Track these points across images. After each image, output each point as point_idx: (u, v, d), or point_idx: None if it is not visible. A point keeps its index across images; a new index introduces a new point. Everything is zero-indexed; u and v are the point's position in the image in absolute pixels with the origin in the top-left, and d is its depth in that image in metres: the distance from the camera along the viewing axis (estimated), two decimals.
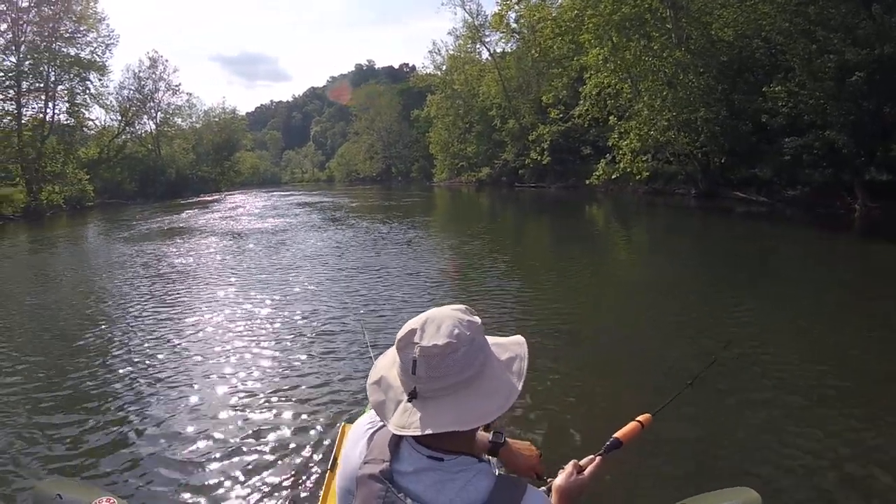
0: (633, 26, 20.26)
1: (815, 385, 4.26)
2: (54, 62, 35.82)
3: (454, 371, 1.15)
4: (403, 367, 1.19)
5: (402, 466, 1.17)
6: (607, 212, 20.87)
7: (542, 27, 26.72)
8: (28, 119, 34.96)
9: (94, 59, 38.02)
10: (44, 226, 25.96)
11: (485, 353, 1.20)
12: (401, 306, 7.03)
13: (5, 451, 3.73)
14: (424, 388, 1.16)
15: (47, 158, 34.42)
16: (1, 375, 5.16)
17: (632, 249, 12.16)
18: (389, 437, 1.21)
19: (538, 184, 34.04)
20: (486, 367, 1.19)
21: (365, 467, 1.20)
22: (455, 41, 46.84)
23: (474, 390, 1.16)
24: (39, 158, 33.75)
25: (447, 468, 1.15)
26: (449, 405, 1.14)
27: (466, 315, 1.21)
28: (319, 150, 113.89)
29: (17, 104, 33.97)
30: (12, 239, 20.33)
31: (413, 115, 60.44)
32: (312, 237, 15.01)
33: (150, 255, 12.76)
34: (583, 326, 6.04)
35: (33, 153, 33.67)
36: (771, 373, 4.51)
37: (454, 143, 46.78)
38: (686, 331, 5.69)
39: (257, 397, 4.45)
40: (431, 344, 1.15)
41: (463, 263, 10.27)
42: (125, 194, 43.86)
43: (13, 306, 8.43)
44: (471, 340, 1.17)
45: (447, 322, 1.18)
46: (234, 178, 68.45)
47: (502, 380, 1.20)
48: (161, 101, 53.48)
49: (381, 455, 1.20)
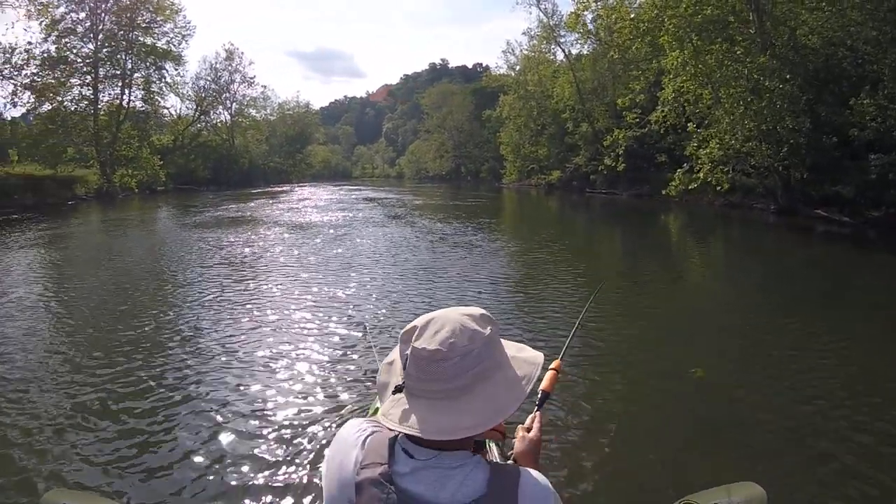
0: (715, 29, 19.20)
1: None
2: (131, 51, 37.28)
3: (442, 378, 1.15)
4: (401, 361, 1.23)
5: (400, 468, 1.16)
6: (681, 224, 19.97)
7: (619, 27, 25.77)
8: (104, 104, 36.53)
9: (169, 48, 39.50)
10: (115, 207, 27.24)
11: (484, 365, 1.18)
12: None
13: (18, 448, 3.67)
14: (412, 386, 1.18)
15: (122, 143, 35.82)
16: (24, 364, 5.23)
17: (706, 268, 11.48)
18: (386, 441, 1.21)
19: (610, 190, 33.03)
20: (482, 381, 1.17)
21: (363, 472, 1.18)
22: (529, 41, 46.22)
23: (463, 402, 1.15)
24: (114, 142, 35.18)
25: (444, 465, 1.14)
26: (435, 409, 1.15)
27: (474, 323, 1.20)
28: (390, 146, 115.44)
29: (94, 90, 35.60)
30: (83, 218, 21.49)
31: (485, 116, 60.03)
32: (370, 233, 15.12)
33: (209, 242, 13.41)
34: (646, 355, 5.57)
35: (108, 137, 35.14)
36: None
37: (525, 144, 46.13)
38: (755, 368, 5.13)
39: (295, 406, 4.28)
40: (422, 347, 1.16)
41: (525, 272, 9.98)
42: (198, 181, 45.44)
43: (70, 284, 9.05)
44: (466, 352, 1.15)
45: (448, 327, 1.17)
46: (305, 170, 70.14)
47: (494, 399, 1.18)
48: (236, 92, 55.37)
49: (378, 459, 1.18)
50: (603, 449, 3.69)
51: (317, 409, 4.19)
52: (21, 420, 4.05)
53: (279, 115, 67.17)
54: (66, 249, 13.18)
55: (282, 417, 4.06)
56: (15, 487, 3.24)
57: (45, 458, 3.54)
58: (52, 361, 5.24)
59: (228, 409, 4.18)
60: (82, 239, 15.58)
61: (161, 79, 40.27)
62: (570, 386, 4.54)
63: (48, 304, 7.61)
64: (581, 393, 4.47)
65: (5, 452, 3.60)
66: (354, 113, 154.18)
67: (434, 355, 1.14)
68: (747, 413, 4.22)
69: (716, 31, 19.23)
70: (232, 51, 54.12)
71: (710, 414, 4.23)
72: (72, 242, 14.56)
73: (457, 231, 15.59)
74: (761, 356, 5.40)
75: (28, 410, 4.20)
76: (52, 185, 28.98)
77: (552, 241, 14.63)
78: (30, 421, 4.03)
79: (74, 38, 34.62)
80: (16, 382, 4.74)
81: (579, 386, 4.59)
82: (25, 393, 4.53)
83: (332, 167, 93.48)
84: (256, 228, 16.40)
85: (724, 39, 19.05)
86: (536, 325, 6.36)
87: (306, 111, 73.14)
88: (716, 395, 4.59)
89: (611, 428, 3.95)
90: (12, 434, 3.83)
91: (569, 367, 4.73)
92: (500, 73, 55.00)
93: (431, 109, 75.44)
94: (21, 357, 5.37)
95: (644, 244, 14.73)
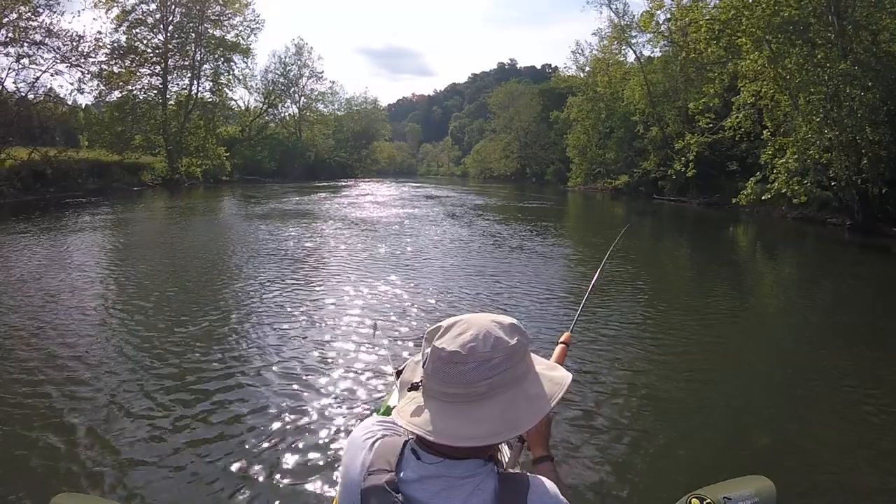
0: (795, 31, 18.16)
1: None
2: (200, 42, 38.37)
3: (457, 382, 1.11)
4: (422, 359, 1.19)
5: (408, 474, 1.13)
6: (752, 238, 19.06)
7: (694, 28, 24.81)
8: (173, 94, 37.73)
9: (238, 41, 40.45)
10: (180, 195, 28.23)
11: (503, 376, 1.13)
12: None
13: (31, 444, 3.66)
14: (427, 386, 1.16)
15: (189, 132, 36.92)
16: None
17: (777, 288, 10.73)
18: (396, 444, 1.19)
19: (678, 198, 31.93)
20: (500, 393, 1.13)
21: (369, 479, 1.15)
22: (599, 42, 45.17)
23: (477, 411, 1.11)
24: (181, 132, 36.28)
25: (453, 474, 1.12)
26: (446, 413, 1.12)
27: (500, 331, 1.15)
28: (456, 145, 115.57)
29: (164, 79, 36.79)
30: (148, 204, 22.45)
31: (552, 117, 59.12)
32: (427, 231, 15.20)
33: (265, 233, 13.97)
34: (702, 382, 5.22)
35: (176, 126, 36.25)
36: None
37: (592, 147, 45.18)
38: (797, 394, 4.82)
39: (325, 408, 4.25)
40: (441, 347, 1.13)
41: (580, 282, 9.54)
42: (263, 172, 46.58)
43: (125, 268, 9.55)
44: (485, 359, 1.11)
45: (472, 331, 1.13)
46: (370, 165, 71.07)
47: (511, 412, 1.12)
48: (304, 86, 56.26)
49: (385, 464, 1.15)
50: (611, 442, 3.82)
51: (355, 409, 4.20)
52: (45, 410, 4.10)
53: (346, 111, 68.21)
54: (126, 234, 14.04)
55: (311, 420, 4.04)
56: (24, 488, 3.19)
57: (55, 458, 3.51)
58: (69, 352, 5.33)
59: (253, 410, 4.15)
60: (144, 224, 16.58)
61: (229, 71, 41.44)
62: (604, 391, 4.62)
63: (99, 287, 8.10)
64: (597, 392, 4.62)
65: (19, 449, 3.59)
66: (422, 111, 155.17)
67: (452, 357, 1.11)
68: (763, 409, 4.36)
69: (796, 33, 18.21)
70: (301, 45, 55.28)
71: (723, 409, 4.40)
72: (133, 228, 15.50)
73: (514, 234, 15.39)
74: (807, 377, 5.09)
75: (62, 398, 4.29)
76: (119, 171, 30.22)
77: (614, 251, 14.07)
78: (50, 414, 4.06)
79: (145, 28, 35.97)
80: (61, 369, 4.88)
81: (613, 391, 4.65)
82: (75, 373, 4.75)
83: (398, 164, 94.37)
84: (312, 222, 16.82)
85: (804, 42, 18.03)
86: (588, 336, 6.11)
87: (373, 107, 74.05)
88: (731, 393, 4.75)
89: (622, 421, 4.11)
90: (27, 428, 3.84)
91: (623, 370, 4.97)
92: (568, 73, 54.13)
93: (498, 109, 74.84)
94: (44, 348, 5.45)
95: (711, 258, 13.99)
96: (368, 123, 71.41)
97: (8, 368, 4.89)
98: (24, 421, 3.92)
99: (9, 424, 3.88)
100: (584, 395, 4.48)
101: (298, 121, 57.06)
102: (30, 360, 5.07)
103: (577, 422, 4.06)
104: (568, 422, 4.02)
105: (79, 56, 27.32)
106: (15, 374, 4.76)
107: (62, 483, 3.20)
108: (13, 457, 3.50)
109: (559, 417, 3.92)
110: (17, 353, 5.27)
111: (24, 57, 24.42)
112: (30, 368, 4.86)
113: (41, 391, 4.41)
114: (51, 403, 4.21)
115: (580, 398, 4.41)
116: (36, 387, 4.48)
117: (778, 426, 4.06)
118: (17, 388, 4.44)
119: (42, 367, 4.89)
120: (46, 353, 5.25)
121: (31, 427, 3.84)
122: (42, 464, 3.43)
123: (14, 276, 8.54)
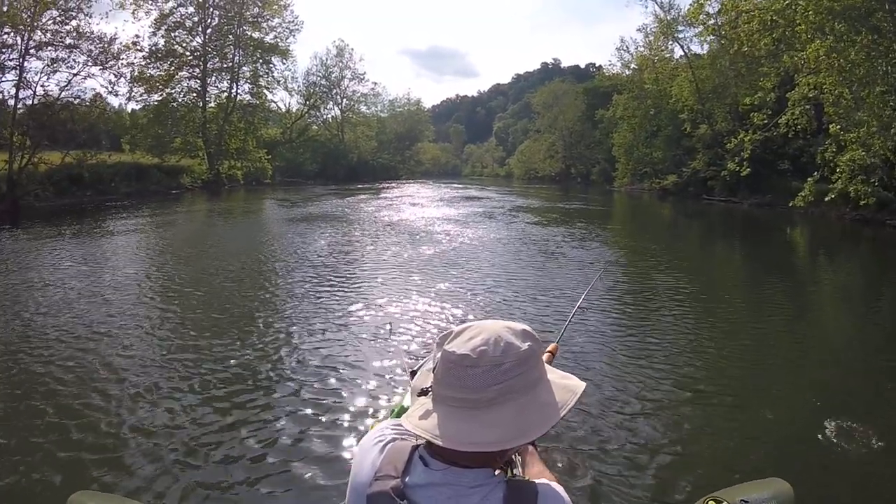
0: (859, 17, 16.69)
1: None
2: (238, 45, 38.36)
3: (466, 386, 1.09)
4: (433, 364, 1.18)
5: (414, 480, 1.12)
6: (808, 241, 17.82)
7: (746, 20, 23.38)
8: (212, 97, 37.79)
9: (277, 43, 40.34)
10: (220, 197, 28.35)
11: (513, 382, 1.10)
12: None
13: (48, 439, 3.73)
14: (437, 391, 1.14)
15: (229, 135, 36.92)
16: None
17: (834, 300, 9.65)
18: (405, 449, 1.17)
19: (729, 198, 30.29)
20: (510, 399, 1.09)
21: (375, 484, 1.13)
22: (644, 38, 43.73)
23: (486, 416, 1.08)
24: (221, 134, 36.29)
25: (462, 482, 1.10)
26: (453, 418, 1.09)
27: (512, 336, 1.12)
28: (500, 145, 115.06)
29: (203, 82, 36.86)
30: (188, 207, 22.56)
31: (597, 116, 57.69)
32: (462, 234, 14.80)
33: (303, 236, 14.06)
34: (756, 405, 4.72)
35: (216, 129, 36.27)
36: None
37: (639, 146, 43.64)
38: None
39: (351, 412, 4.23)
40: (451, 350, 1.11)
41: (624, 290, 9.08)
42: (305, 174, 46.66)
43: (162, 269, 9.85)
44: (495, 363, 1.08)
45: (482, 336, 1.11)
46: (414, 167, 71.00)
47: (521, 418, 1.09)
48: (346, 88, 56.20)
49: (393, 470, 1.13)
50: (624, 444, 3.79)
51: (370, 410, 4.24)
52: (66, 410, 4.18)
53: (390, 112, 68.18)
54: (164, 237, 14.25)
55: (331, 422, 4.06)
56: (42, 486, 3.25)
57: (74, 456, 3.55)
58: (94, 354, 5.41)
59: (270, 411, 4.21)
60: (182, 227, 16.92)
61: (269, 73, 41.46)
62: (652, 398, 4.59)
63: (129, 290, 8.21)
64: (609, 397, 4.61)
65: (38, 447, 3.63)
66: (465, 112, 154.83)
67: (462, 360, 1.09)
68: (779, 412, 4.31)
69: (859, 20, 16.75)
70: (342, 47, 55.44)
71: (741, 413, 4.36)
72: (172, 230, 15.72)
73: (551, 238, 14.72)
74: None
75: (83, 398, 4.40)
76: (159, 173, 30.32)
77: (661, 254, 13.34)
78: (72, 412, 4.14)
79: (183, 31, 36.16)
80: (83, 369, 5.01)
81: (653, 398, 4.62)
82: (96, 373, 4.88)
83: (442, 165, 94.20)
84: (351, 226, 16.72)
85: (868, 30, 16.57)
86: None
87: (417, 108, 73.97)
88: (750, 398, 4.72)
89: (636, 423, 4.11)
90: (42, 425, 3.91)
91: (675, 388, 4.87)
92: (613, 71, 52.64)
93: (542, 109, 73.66)
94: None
95: (766, 265, 12.82)
96: (412, 125, 71.37)
97: (37, 369, 4.99)
98: (51, 418, 4.02)
99: (31, 421, 3.97)
100: (599, 401, 4.47)
101: (341, 122, 57.21)
102: (59, 359, 5.19)
103: (590, 425, 4.05)
104: (581, 426, 4.02)
105: (110, 58, 27.28)
106: (44, 373, 4.87)
107: (80, 482, 3.17)
108: (32, 455, 3.55)
109: (572, 423, 3.96)
110: (45, 352, 5.40)
111: (58, 61, 24.37)
112: (63, 367, 4.99)
113: (68, 391, 4.50)
114: (73, 402, 4.29)
115: (595, 402, 4.41)
116: (63, 386, 4.60)
117: (798, 429, 4.07)
118: (43, 387, 4.56)
119: (74, 366, 5.02)
120: (76, 351, 5.41)
121: (52, 425, 3.92)
122: (61, 461, 3.48)
123: (45, 279, 8.76)
